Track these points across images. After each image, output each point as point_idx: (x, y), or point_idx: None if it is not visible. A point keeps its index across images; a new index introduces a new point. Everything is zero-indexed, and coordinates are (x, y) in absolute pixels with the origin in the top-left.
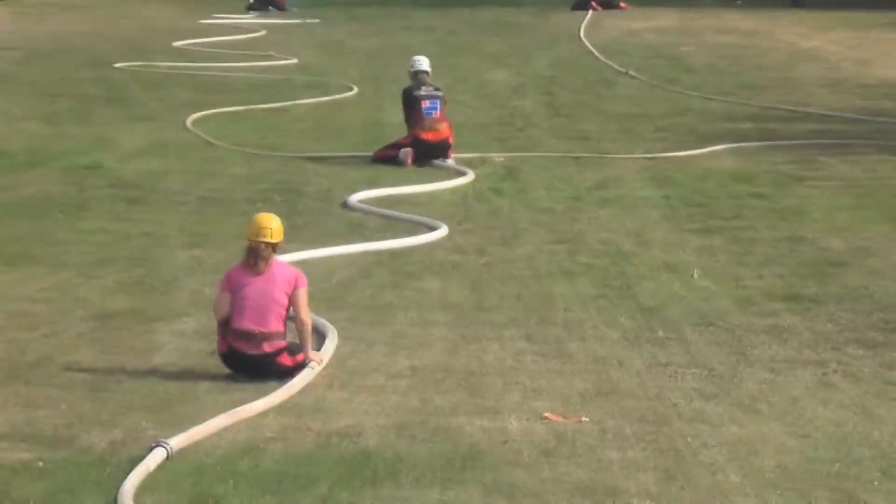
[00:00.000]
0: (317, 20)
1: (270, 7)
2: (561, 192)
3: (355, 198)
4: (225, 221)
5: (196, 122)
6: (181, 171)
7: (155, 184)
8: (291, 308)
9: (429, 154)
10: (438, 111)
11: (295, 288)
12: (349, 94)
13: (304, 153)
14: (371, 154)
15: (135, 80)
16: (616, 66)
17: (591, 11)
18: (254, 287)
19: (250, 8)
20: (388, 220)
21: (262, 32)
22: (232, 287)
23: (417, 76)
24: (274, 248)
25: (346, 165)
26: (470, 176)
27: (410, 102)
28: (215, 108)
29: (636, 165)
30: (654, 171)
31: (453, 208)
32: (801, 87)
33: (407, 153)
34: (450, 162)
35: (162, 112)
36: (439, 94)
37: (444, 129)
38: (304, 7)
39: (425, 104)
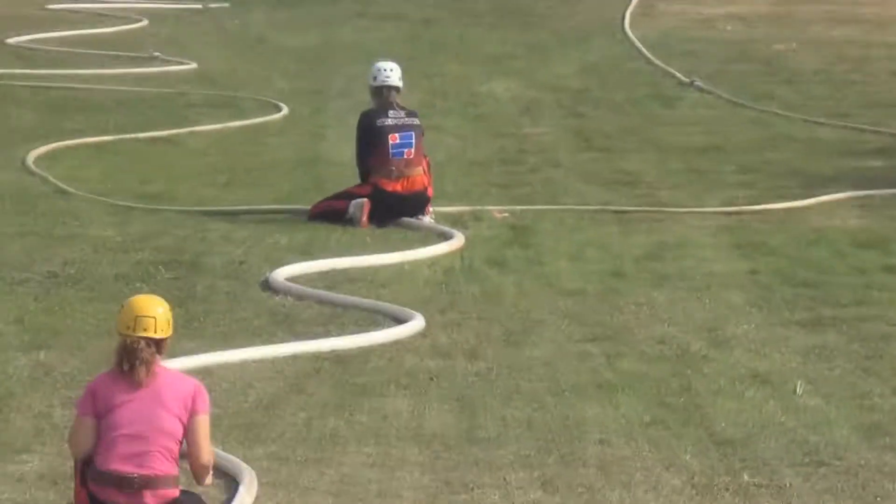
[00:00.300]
0: (225, 4)
1: None
2: (595, 265)
3: (282, 274)
4: (84, 310)
5: (42, 158)
6: (18, 233)
7: None
8: (186, 440)
9: (396, 212)
10: (413, 149)
11: (193, 411)
12: (275, 116)
13: (205, 206)
14: (307, 208)
15: None
16: (678, 74)
17: None
18: (131, 408)
19: None
20: (333, 308)
21: (143, 23)
22: (98, 408)
23: (383, 94)
24: (159, 347)
25: (269, 225)
26: (457, 241)
27: (372, 136)
28: (70, 137)
29: (709, 224)
30: (736, 233)
31: (432, 290)
32: None
33: (361, 206)
34: (427, 220)
35: None
36: (414, 121)
37: (419, 177)
38: None
39: (394, 139)
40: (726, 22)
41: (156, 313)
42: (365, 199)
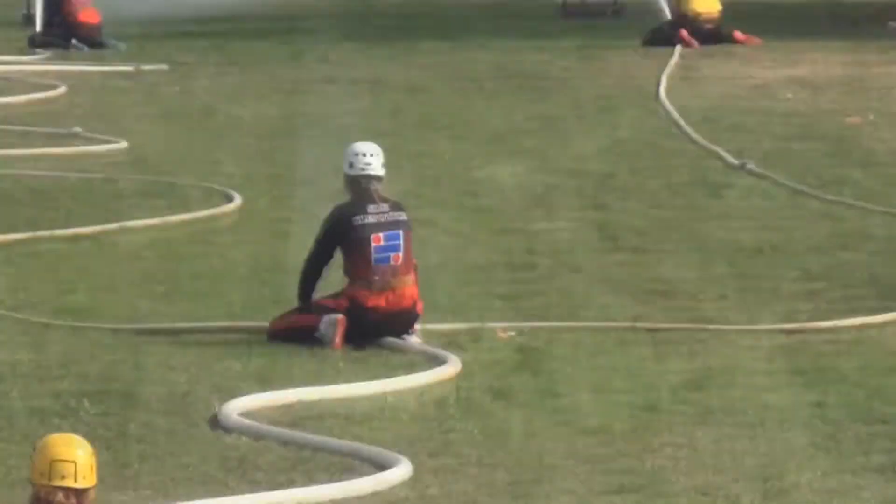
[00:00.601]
0: (162, 66)
1: (74, 41)
2: (623, 397)
3: (236, 408)
4: None
5: None
6: None
7: None
8: None
9: (377, 331)
10: (401, 252)
11: None
12: (225, 208)
13: (140, 323)
14: (266, 325)
15: None
16: (726, 155)
17: (679, 48)
18: None
19: (35, 43)
20: (299, 451)
21: (61, 89)
22: None
23: (361, 185)
24: (81, 499)
25: (219, 347)
26: (452, 366)
27: (347, 240)
28: None
29: (764, 345)
30: (797, 357)
31: (421, 428)
32: None
33: (335, 323)
34: (414, 340)
35: None
36: (401, 217)
37: (408, 288)
38: (135, 42)
39: (377, 241)
40: (787, 89)
41: (76, 457)
42: (340, 316)
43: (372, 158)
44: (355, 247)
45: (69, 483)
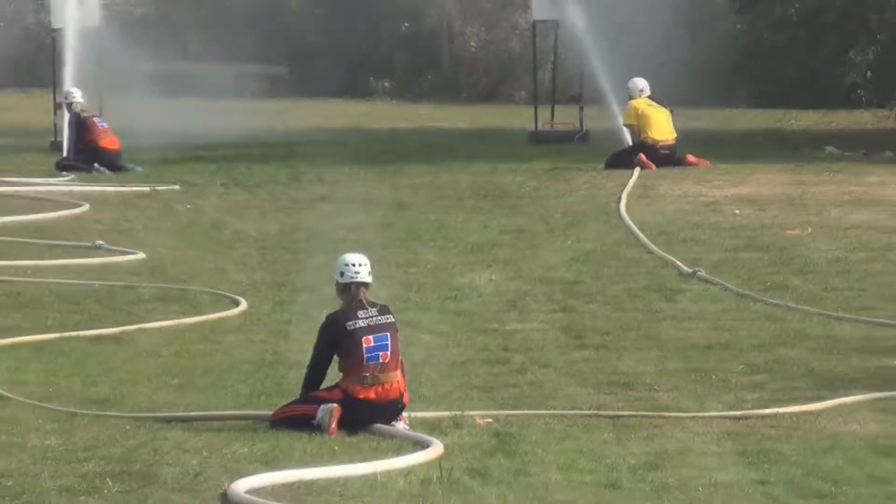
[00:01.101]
0: (175, 187)
1: (96, 165)
2: (587, 476)
3: (243, 486)
4: None
5: None
6: None
7: None
8: None
9: (368, 419)
10: (389, 352)
11: None
12: (232, 311)
13: (157, 412)
14: (270, 414)
15: None
16: (680, 264)
17: (638, 170)
18: None
19: (62, 167)
20: None
21: (84, 208)
22: None
23: (351, 291)
24: None
25: (227, 433)
26: (435, 449)
27: (341, 342)
28: (6, 336)
29: (713, 431)
30: (743, 441)
31: (408, 502)
32: None
33: (331, 412)
34: (401, 426)
35: None
36: (388, 319)
37: (395, 382)
38: (151, 166)
39: (367, 343)
40: (734, 206)
41: None
42: (335, 405)
43: (360, 268)
44: (349, 348)
45: None
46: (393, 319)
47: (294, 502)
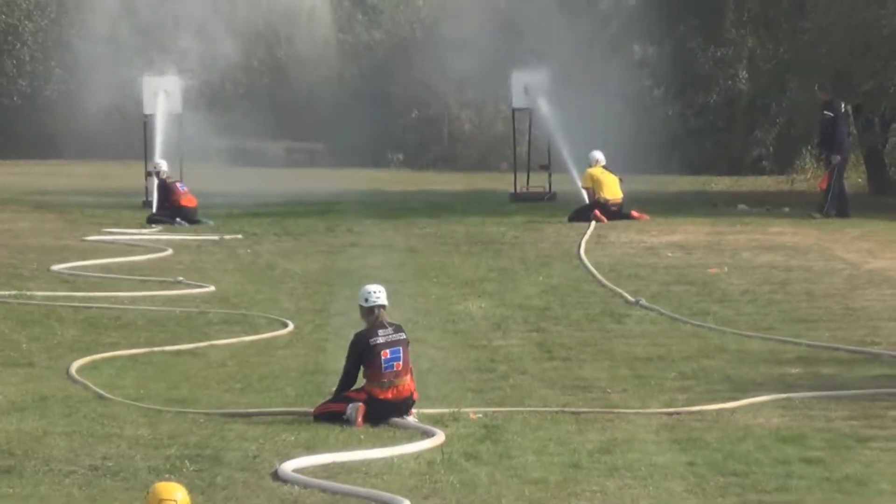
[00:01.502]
0: (238, 235)
1: (178, 219)
2: (556, 458)
3: (290, 466)
4: (121, 497)
5: (83, 369)
6: (65, 432)
7: (31, 449)
8: None
9: (386, 415)
10: (401, 362)
11: None
12: (282, 332)
13: (223, 409)
14: (311, 410)
15: (2, 314)
16: (626, 295)
17: (593, 223)
18: None
19: (151, 221)
20: (334, 496)
21: (168, 252)
22: None
23: (374, 313)
24: None
25: (278, 425)
26: (438, 438)
27: (365, 355)
28: (107, 350)
29: (653, 423)
30: (675, 431)
31: (417, 480)
32: (866, 321)
33: (357, 409)
34: (411, 420)
35: (39, 356)
36: (402, 336)
37: (406, 385)
38: (220, 219)
39: (385, 356)
40: (668, 250)
41: (176, 497)
42: (361, 404)
43: (380, 294)
44: (371, 360)
45: None
46: (405, 336)
47: (330, 479)
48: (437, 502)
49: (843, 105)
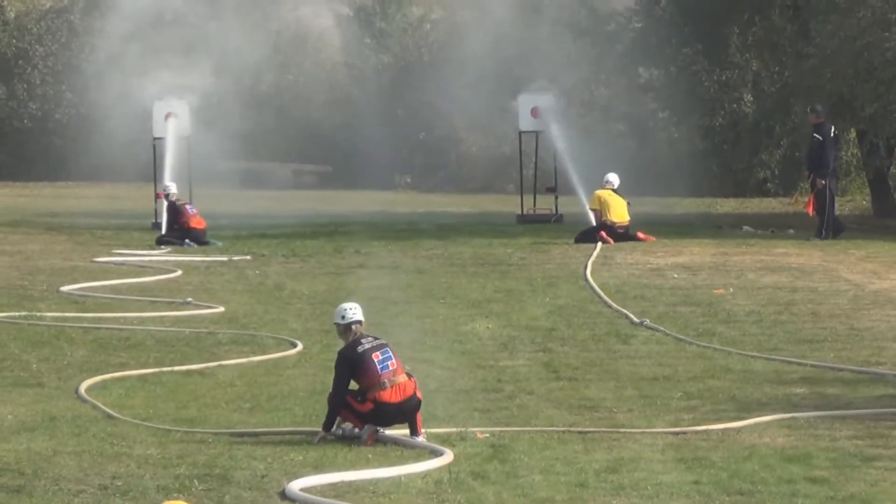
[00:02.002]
0: (247, 257)
1: (187, 241)
2: (563, 477)
3: (298, 485)
4: None
5: (92, 388)
6: (74, 452)
7: (41, 469)
8: None
9: (397, 418)
10: (393, 360)
11: None
12: (291, 352)
13: (232, 429)
14: (319, 430)
15: (12, 335)
16: (631, 316)
17: (599, 244)
18: None
19: (160, 242)
20: None
21: (177, 273)
22: None
23: (352, 329)
24: None
25: (286, 445)
26: (446, 457)
27: (357, 365)
28: (116, 370)
29: (659, 443)
30: (681, 450)
31: (424, 499)
32: (870, 342)
33: (370, 433)
34: (420, 439)
35: (48, 376)
36: (383, 341)
37: (406, 382)
38: (229, 241)
39: (376, 357)
40: (673, 271)
41: None
42: (375, 427)
43: (355, 310)
44: (364, 367)
45: None
46: (385, 341)
47: (337, 498)
48: None
49: (832, 129)
